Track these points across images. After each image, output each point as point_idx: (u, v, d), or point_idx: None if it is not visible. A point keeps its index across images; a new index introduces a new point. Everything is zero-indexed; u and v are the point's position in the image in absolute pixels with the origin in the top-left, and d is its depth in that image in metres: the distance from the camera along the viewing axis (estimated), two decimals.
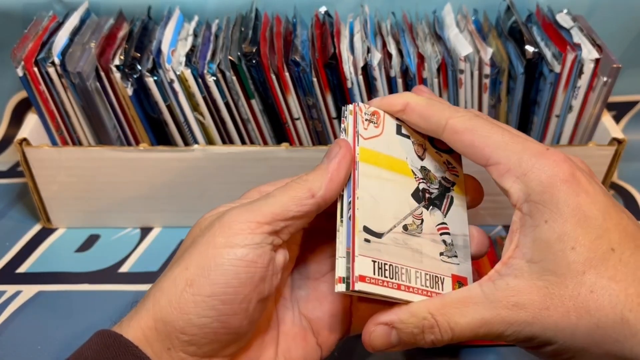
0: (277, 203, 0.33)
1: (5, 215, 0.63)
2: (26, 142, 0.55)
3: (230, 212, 0.33)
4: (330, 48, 0.53)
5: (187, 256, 0.32)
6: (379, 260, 0.33)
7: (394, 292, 0.33)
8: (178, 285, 0.31)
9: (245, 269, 0.31)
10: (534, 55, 0.53)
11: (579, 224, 0.31)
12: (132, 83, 0.53)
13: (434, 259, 0.36)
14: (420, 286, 0.34)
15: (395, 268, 0.34)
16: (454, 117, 0.34)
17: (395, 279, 0.34)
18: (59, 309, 0.52)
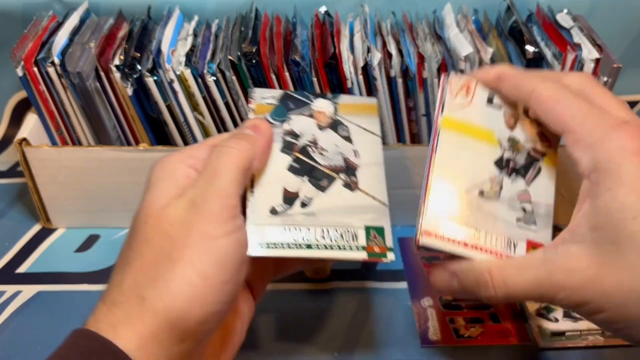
0: (231, 177, 0.34)
1: (5, 215, 0.63)
2: (26, 142, 0.55)
3: (205, 200, 0.33)
4: (330, 48, 0.53)
5: (182, 255, 0.32)
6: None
7: (459, 248, 0.36)
8: (192, 282, 0.31)
9: (243, 249, 0.34)
10: (534, 55, 0.53)
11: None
12: (132, 83, 0.53)
13: (510, 224, 0.38)
14: (489, 246, 0.37)
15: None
16: (541, 85, 0.35)
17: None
18: (59, 309, 0.52)
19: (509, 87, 0.38)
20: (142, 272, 0.32)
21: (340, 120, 0.43)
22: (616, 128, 0.32)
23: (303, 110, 0.43)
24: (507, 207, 0.38)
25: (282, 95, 0.44)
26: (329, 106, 0.44)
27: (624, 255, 0.31)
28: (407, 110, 0.56)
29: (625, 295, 0.31)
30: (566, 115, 0.34)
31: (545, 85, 0.35)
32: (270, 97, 0.43)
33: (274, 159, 0.40)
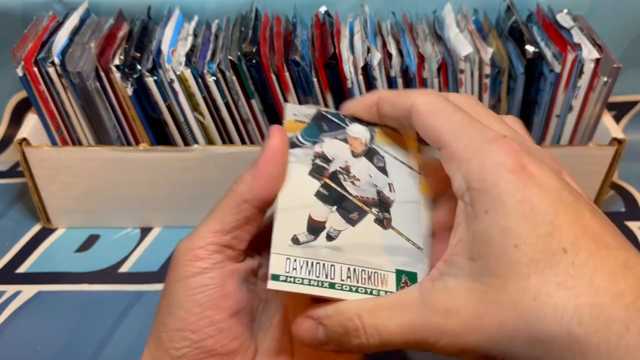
0: (214, 220, 0.33)
1: (5, 215, 0.63)
2: (26, 142, 0.55)
3: (177, 246, 0.33)
4: (330, 48, 0.53)
5: (161, 299, 0.34)
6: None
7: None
8: (157, 327, 0.33)
9: (202, 295, 0.32)
10: (534, 55, 0.53)
11: (524, 218, 0.26)
12: (132, 83, 0.53)
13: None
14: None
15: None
16: (419, 99, 0.32)
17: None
18: (59, 309, 0.52)
19: (388, 107, 0.34)
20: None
21: (376, 150, 0.38)
22: (491, 142, 0.28)
23: (337, 133, 0.38)
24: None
25: (315, 114, 0.39)
26: (365, 133, 0.39)
27: (505, 289, 0.26)
28: None
29: (510, 338, 0.26)
30: (443, 128, 0.30)
31: (424, 99, 0.32)
32: (302, 115, 0.39)
33: (301, 182, 0.35)
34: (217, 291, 0.32)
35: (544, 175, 0.27)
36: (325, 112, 0.39)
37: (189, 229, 0.62)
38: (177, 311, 0.32)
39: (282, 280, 0.32)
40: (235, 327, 0.33)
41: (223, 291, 0.32)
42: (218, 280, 0.32)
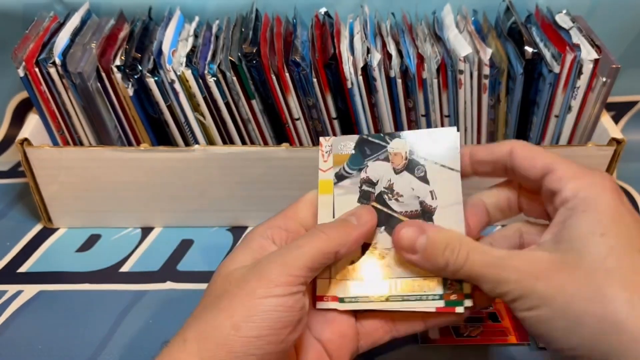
0: (307, 255, 0.36)
1: (6, 215, 0.63)
2: (27, 142, 0.55)
3: (267, 265, 0.36)
4: (330, 48, 0.53)
5: (227, 305, 0.35)
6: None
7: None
8: (224, 331, 0.34)
9: (287, 314, 0.35)
10: (533, 56, 0.53)
11: (614, 220, 0.33)
12: (133, 83, 0.53)
13: None
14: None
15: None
16: (515, 143, 0.39)
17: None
18: (60, 309, 0.52)
19: (483, 152, 0.40)
20: (192, 317, 0.36)
21: (415, 160, 0.41)
22: (594, 170, 0.36)
23: (379, 154, 0.42)
24: None
25: (358, 140, 0.42)
26: (404, 146, 0.41)
27: (581, 263, 0.32)
28: (407, 110, 0.56)
29: (568, 298, 0.32)
30: (548, 159, 0.37)
31: (520, 143, 0.38)
32: (347, 146, 0.42)
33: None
34: (296, 315, 0.35)
35: (628, 203, 0.35)
36: (367, 136, 0.42)
37: (190, 228, 0.62)
38: (260, 321, 0.34)
39: (341, 302, 0.39)
40: (293, 346, 0.37)
41: (299, 316, 0.36)
42: (299, 306, 0.35)
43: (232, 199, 0.59)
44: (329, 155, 0.42)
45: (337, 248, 0.37)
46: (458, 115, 0.56)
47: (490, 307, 0.51)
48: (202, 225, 0.61)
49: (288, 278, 0.35)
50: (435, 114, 0.56)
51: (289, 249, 0.37)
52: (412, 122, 0.57)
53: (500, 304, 0.51)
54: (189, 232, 0.60)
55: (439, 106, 0.55)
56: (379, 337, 0.41)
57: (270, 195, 0.57)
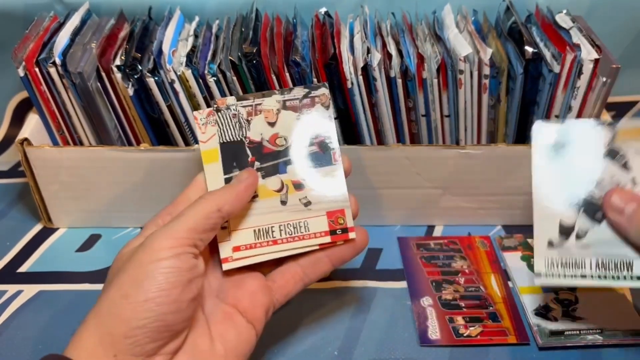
0: (190, 219, 0.38)
1: (6, 215, 0.63)
2: (27, 142, 0.55)
3: (151, 237, 0.38)
4: (330, 48, 0.53)
5: (117, 279, 0.37)
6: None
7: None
8: (115, 301, 0.36)
9: (173, 274, 0.36)
10: (534, 56, 0.53)
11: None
12: (133, 83, 0.53)
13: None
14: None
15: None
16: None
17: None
18: (60, 309, 0.52)
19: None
20: (98, 299, 0.38)
21: (616, 149, 0.44)
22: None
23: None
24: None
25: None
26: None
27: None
28: (407, 110, 0.56)
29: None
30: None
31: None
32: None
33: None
34: (185, 275, 0.37)
35: None
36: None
37: None
38: (147, 285, 0.36)
39: (543, 277, 0.43)
40: (191, 309, 0.38)
41: (189, 276, 0.37)
42: (187, 266, 0.37)
43: None
44: (206, 126, 0.45)
45: (217, 206, 0.39)
46: (458, 115, 0.56)
47: (491, 308, 0.51)
48: None
49: (171, 241, 0.37)
50: (435, 113, 0.56)
51: (173, 219, 0.39)
52: (412, 122, 0.57)
53: (501, 304, 0.51)
54: None
55: (439, 106, 0.55)
56: (291, 286, 0.44)
57: None
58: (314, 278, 0.44)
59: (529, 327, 0.49)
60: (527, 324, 0.50)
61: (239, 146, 0.44)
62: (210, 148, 0.45)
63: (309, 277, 0.44)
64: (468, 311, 0.51)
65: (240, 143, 0.44)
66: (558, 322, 0.49)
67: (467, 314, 0.50)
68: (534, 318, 0.50)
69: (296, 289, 0.44)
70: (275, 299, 0.44)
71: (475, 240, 0.59)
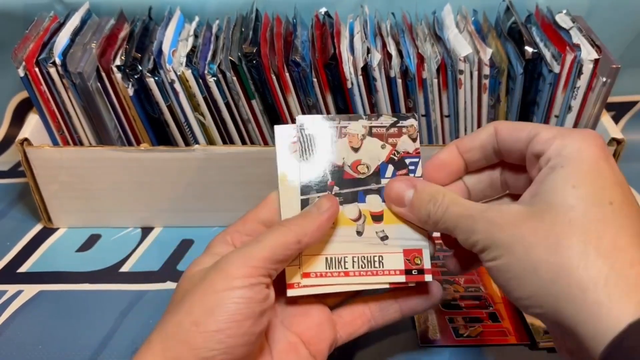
0: (267, 248, 0.36)
1: (6, 215, 0.63)
2: (27, 142, 0.55)
3: (226, 260, 0.36)
4: (330, 48, 0.53)
5: (187, 303, 0.35)
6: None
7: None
8: (184, 327, 0.34)
9: (246, 305, 0.35)
10: (533, 56, 0.53)
11: (590, 172, 0.32)
12: (133, 83, 0.53)
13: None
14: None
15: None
16: (499, 122, 0.39)
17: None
18: (60, 309, 0.52)
19: (470, 141, 0.40)
20: (159, 322, 0.36)
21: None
22: (582, 129, 0.35)
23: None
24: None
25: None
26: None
27: (547, 214, 0.32)
28: (407, 110, 0.56)
29: (527, 246, 0.32)
30: (532, 126, 0.36)
31: (503, 122, 0.39)
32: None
33: None
34: (258, 306, 0.35)
35: (612, 160, 0.34)
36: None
37: (190, 228, 0.62)
38: (219, 315, 0.34)
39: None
40: (259, 341, 0.37)
41: (261, 308, 0.35)
42: (260, 298, 0.35)
43: (232, 199, 0.59)
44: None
45: (297, 237, 0.37)
46: (458, 115, 0.56)
47: (491, 308, 0.51)
48: (202, 225, 0.61)
49: (247, 270, 0.35)
50: (435, 114, 0.56)
51: (249, 244, 0.37)
52: None
53: (501, 304, 0.51)
54: (189, 232, 0.60)
55: (439, 106, 0.55)
56: (357, 327, 0.42)
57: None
58: (381, 323, 0.43)
59: (529, 327, 0.49)
60: (527, 325, 0.50)
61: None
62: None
63: (376, 321, 0.42)
64: (468, 311, 0.51)
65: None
66: None
67: (467, 314, 0.50)
68: (528, 317, 0.50)
69: (362, 330, 0.42)
70: (339, 335, 0.42)
71: None
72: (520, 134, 0.36)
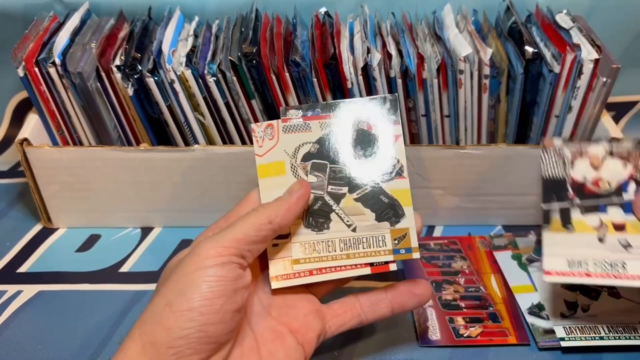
0: (239, 230, 0.38)
1: (6, 215, 0.63)
2: (27, 142, 0.55)
3: (198, 245, 0.38)
4: (330, 48, 0.53)
5: (162, 288, 0.37)
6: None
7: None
8: (158, 309, 0.36)
9: (217, 283, 0.36)
10: (534, 56, 0.53)
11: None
12: (133, 83, 0.53)
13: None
14: None
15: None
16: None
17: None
18: (60, 309, 0.52)
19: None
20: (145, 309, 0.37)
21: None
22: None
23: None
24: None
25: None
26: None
27: None
28: (407, 110, 0.56)
29: None
30: None
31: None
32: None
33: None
34: (230, 285, 0.36)
35: None
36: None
37: (190, 228, 0.62)
38: (190, 293, 0.35)
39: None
40: (235, 321, 0.37)
41: (234, 287, 0.37)
42: (232, 276, 0.37)
43: (232, 199, 0.58)
44: (263, 140, 0.44)
45: (269, 218, 0.39)
46: (458, 115, 0.56)
47: (491, 308, 0.51)
48: (202, 225, 0.60)
49: (217, 249, 0.37)
50: (435, 114, 0.56)
51: (223, 230, 0.39)
52: (412, 121, 0.57)
53: (501, 305, 0.51)
54: (189, 232, 0.60)
55: (439, 106, 0.55)
56: (347, 319, 0.43)
57: None
58: (371, 319, 0.43)
59: (529, 327, 0.49)
60: (527, 324, 0.50)
61: (561, 182, 0.47)
62: (266, 162, 0.43)
63: (366, 315, 0.43)
64: (468, 311, 0.51)
65: (563, 180, 0.48)
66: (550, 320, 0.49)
67: (467, 314, 0.50)
68: (527, 317, 0.50)
69: (351, 323, 0.43)
70: (328, 326, 0.43)
71: (476, 241, 0.59)
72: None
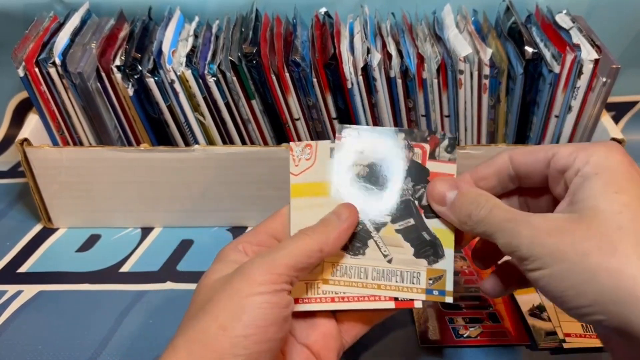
0: (291, 256, 0.36)
1: (6, 215, 0.63)
2: (27, 142, 0.55)
3: (250, 266, 0.36)
4: (330, 48, 0.53)
5: (213, 308, 0.35)
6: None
7: None
8: (211, 332, 0.34)
9: (272, 311, 0.35)
10: (534, 56, 0.53)
11: (627, 179, 0.33)
12: (133, 83, 0.53)
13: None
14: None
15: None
16: (513, 151, 0.39)
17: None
18: (60, 309, 0.52)
19: (485, 169, 0.41)
20: (180, 327, 0.36)
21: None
22: (599, 141, 0.36)
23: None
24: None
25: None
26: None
27: (594, 219, 0.32)
28: (407, 110, 0.56)
29: (581, 253, 0.31)
30: (547, 147, 0.37)
31: (516, 148, 0.40)
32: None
33: None
34: (282, 312, 0.35)
35: (638, 168, 0.34)
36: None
37: (190, 228, 0.62)
38: (246, 319, 0.34)
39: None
40: (279, 348, 0.37)
41: (284, 314, 0.36)
42: (284, 304, 0.36)
43: (232, 199, 0.59)
44: (300, 160, 0.43)
45: (320, 246, 0.37)
46: (458, 115, 0.56)
47: (491, 308, 0.51)
48: (202, 225, 0.61)
49: (271, 276, 0.35)
50: (435, 114, 0.56)
51: (272, 251, 0.37)
52: (412, 122, 0.57)
53: (501, 305, 0.51)
54: (189, 232, 0.60)
55: (439, 106, 0.55)
56: (359, 329, 0.43)
57: (270, 195, 0.57)
58: (378, 320, 0.43)
59: (529, 327, 0.49)
60: (527, 325, 0.50)
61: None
62: (302, 182, 0.42)
63: (375, 319, 0.43)
64: (468, 312, 0.51)
65: None
66: (552, 321, 0.49)
67: (467, 314, 0.50)
68: (529, 319, 0.50)
69: (364, 330, 0.43)
70: (344, 341, 0.42)
71: (476, 241, 0.59)
72: (537, 155, 0.37)
